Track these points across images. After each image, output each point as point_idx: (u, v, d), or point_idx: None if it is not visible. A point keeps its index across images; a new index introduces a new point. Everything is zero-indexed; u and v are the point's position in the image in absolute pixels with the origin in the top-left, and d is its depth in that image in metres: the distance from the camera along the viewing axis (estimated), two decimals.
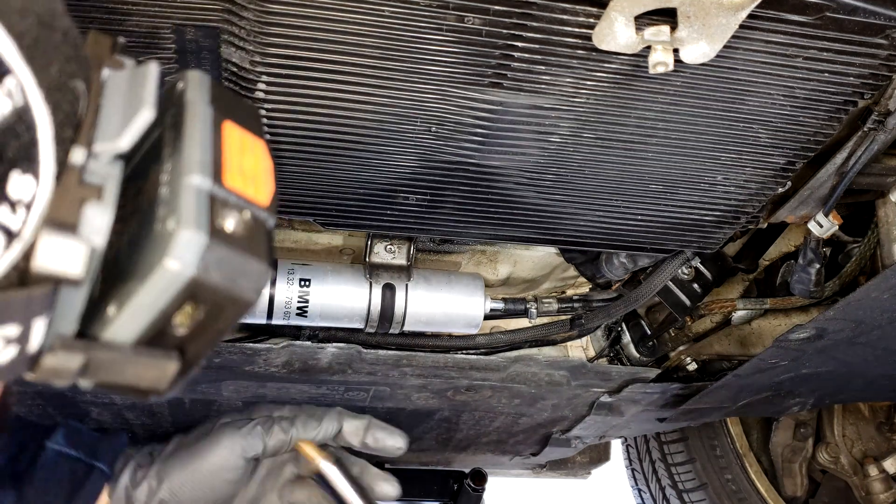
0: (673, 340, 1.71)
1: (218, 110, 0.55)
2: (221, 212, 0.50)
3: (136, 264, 0.49)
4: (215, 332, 0.51)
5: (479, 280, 1.40)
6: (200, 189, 0.49)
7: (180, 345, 0.51)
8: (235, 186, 0.52)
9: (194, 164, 0.50)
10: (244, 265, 0.50)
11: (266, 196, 0.55)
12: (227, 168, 0.52)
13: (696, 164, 1.10)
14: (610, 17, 0.82)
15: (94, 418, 1.72)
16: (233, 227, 0.50)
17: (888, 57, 0.95)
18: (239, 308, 0.50)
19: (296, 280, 1.29)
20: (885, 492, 2.23)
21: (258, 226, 0.53)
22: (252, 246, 0.51)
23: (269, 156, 0.58)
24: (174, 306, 0.49)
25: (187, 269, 0.47)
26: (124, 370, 0.50)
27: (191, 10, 0.85)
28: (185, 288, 0.48)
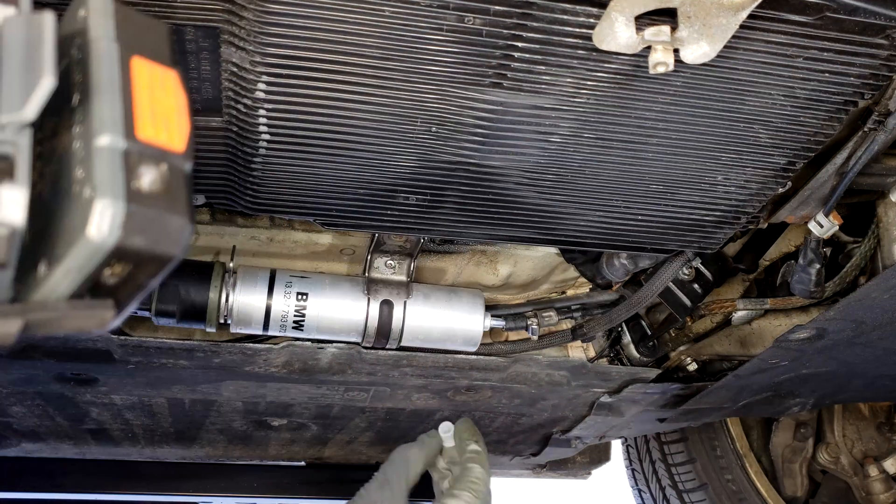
0: (673, 341, 1.71)
1: (124, 43, 0.53)
2: (137, 169, 0.50)
3: (61, 222, 0.50)
4: (144, 280, 0.52)
5: (479, 298, 1.39)
6: (113, 149, 0.49)
7: (113, 292, 0.52)
8: (149, 137, 0.51)
9: (105, 122, 0.49)
10: (165, 223, 0.50)
11: (181, 140, 0.53)
12: (138, 117, 0.51)
13: (697, 165, 1.10)
14: (610, 17, 0.82)
15: (93, 418, 1.72)
16: (150, 185, 0.50)
17: (888, 57, 0.95)
18: (163, 262, 0.51)
19: (293, 293, 1.29)
20: (886, 492, 2.23)
21: (176, 176, 0.52)
22: (171, 200, 0.51)
23: (182, 88, 0.55)
24: (102, 267, 0.50)
25: (109, 239, 0.48)
26: (63, 324, 0.51)
27: (191, 10, 0.85)
28: (108, 254, 0.49)
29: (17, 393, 1.55)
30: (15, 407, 1.63)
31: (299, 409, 1.72)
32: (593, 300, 1.55)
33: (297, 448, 2.03)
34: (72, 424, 1.75)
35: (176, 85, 0.55)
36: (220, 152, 1.02)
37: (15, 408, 1.63)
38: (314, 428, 1.86)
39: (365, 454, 2.11)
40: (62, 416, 1.69)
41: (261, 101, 0.93)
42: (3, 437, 1.81)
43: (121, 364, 1.40)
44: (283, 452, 2.06)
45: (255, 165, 1.02)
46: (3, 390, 1.53)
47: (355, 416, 1.79)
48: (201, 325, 1.27)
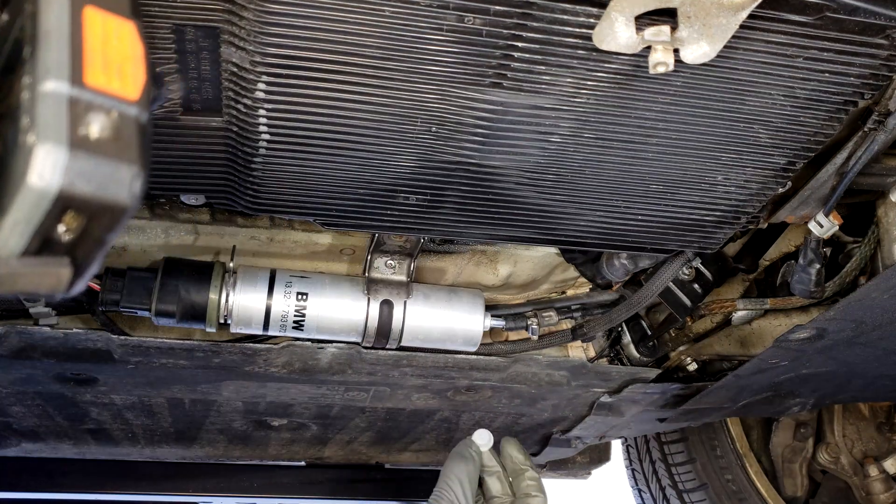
0: (673, 340, 1.71)
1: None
2: (84, 117, 0.48)
3: (9, 175, 0.48)
4: (100, 234, 0.51)
5: (479, 298, 1.39)
6: (58, 95, 0.48)
7: (69, 249, 0.51)
8: (98, 84, 0.50)
9: (50, 68, 0.48)
10: (112, 171, 0.49)
11: (135, 89, 0.52)
12: (88, 64, 0.50)
13: (697, 165, 1.10)
14: (610, 17, 0.82)
15: (93, 418, 1.72)
16: (98, 132, 0.49)
17: (888, 57, 0.95)
18: (116, 213, 0.50)
19: (293, 293, 1.29)
20: (886, 492, 2.23)
21: (126, 124, 0.50)
22: (121, 148, 0.49)
23: (139, 39, 0.54)
24: (51, 219, 0.48)
25: (52, 185, 0.46)
26: (16, 282, 0.49)
27: (191, 10, 0.85)
28: (54, 202, 0.47)
29: (17, 393, 1.55)
30: (15, 407, 1.63)
31: (299, 409, 1.72)
32: (593, 300, 1.55)
33: (297, 448, 2.03)
34: (71, 424, 1.75)
35: (133, 35, 0.54)
36: (220, 152, 1.02)
37: (15, 408, 1.63)
38: (314, 428, 1.86)
39: (365, 454, 2.11)
40: (62, 416, 1.69)
41: (261, 101, 0.93)
42: (2, 437, 1.81)
43: (121, 364, 1.40)
44: (283, 452, 2.06)
45: (255, 165, 1.02)
46: (3, 390, 1.53)
47: (355, 416, 1.79)
48: (201, 325, 1.27)
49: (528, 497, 1.29)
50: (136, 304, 1.25)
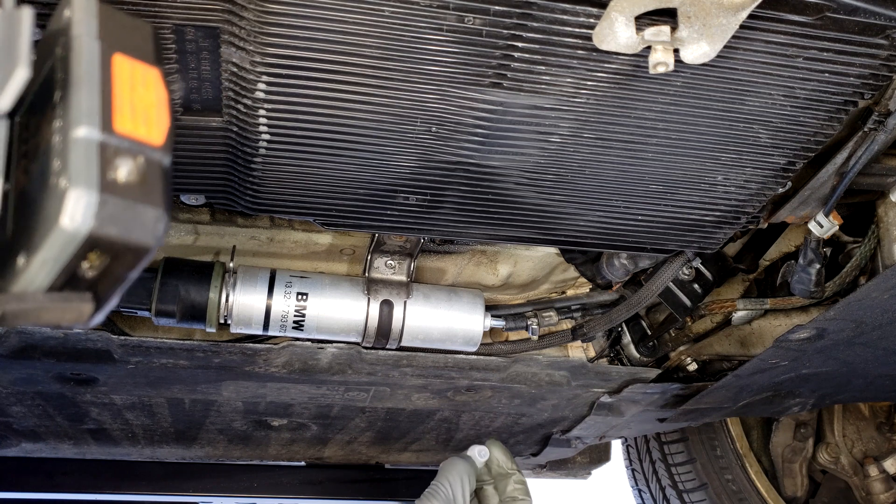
0: (673, 340, 1.71)
1: (107, 42, 0.54)
2: (113, 161, 0.51)
3: (39, 215, 0.51)
4: (122, 272, 0.53)
5: (479, 298, 1.39)
6: (89, 141, 0.50)
7: (92, 285, 0.53)
8: (126, 130, 0.52)
9: (82, 114, 0.50)
10: (139, 214, 0.51)
11: (159, 134, 0.54)
12: (117, 111, 0.52)
13: (697, 165, 1.10)
14: (610, 18, 0.82)
15: (93, 418, 1.72)
16: (125, 176, 0.51)
17: (888, 57, 0.95)
18: (140, 253, 0.52)
19: (293, 293, 1.29)
20: (886, 492, 2.23)
21: (152, 169, 0.53)
22: (146, 192, 0.52)
23: (163, 85, 0.57)
24: (77, 258, 0.51)
25: (82, 227, 0.49)
26: (41, 316, 0.52)
27: (191, 10, 0.85)
28: (83, 243, 0.50)
29: (17, 393, 1.55)
30: (15, 407, 1.63)
31: (299, 409, 1.72)
32: (593, 300, 1.55)
33: (297, 448, 2.03)
34: (71, 424, 1.75)
35: (157, 82, 0.56)
36: (220, 152, 1.02)
37: (15, 408, 1.63)
38: (314, 428, 1.86)
39: (365, 454, 2.11)
40: (62, 416, 1.69)
41: (261, 101, 0.93)
42: (3, 437, 1.81)
43: (121, 364, 1.40)
44: (283, 452, 2.06)
45: (255, 165, 1.02)
46: (3, 390, 1.53)
47: (355, 416, 1.79)
48: (201, 325, 1.27)
49: (515, 501, 1.30)
50: (136, 305, 1.25)
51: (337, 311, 1.31)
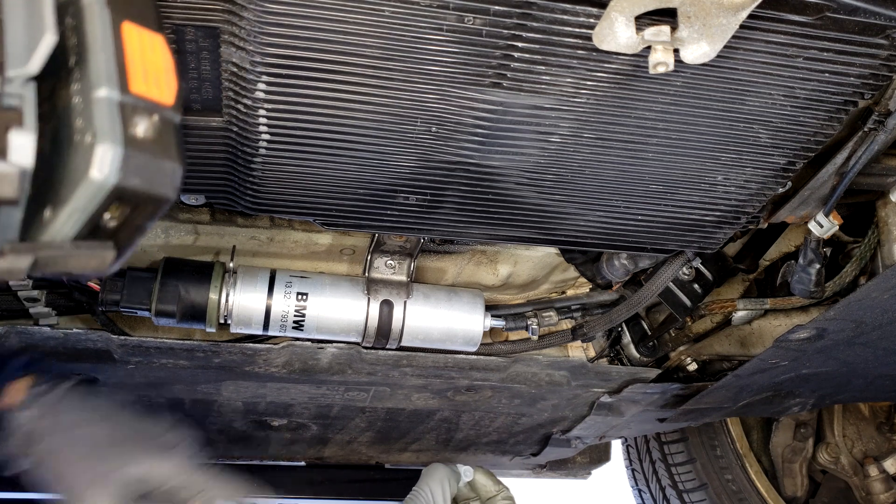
0: (673, 340, 1.71)
1: (115, 9, 0.58)
2: (132, 119, 0.55)
3: (63, 170, 0.54)
4: (142, 222, 0.57)
5: (479, 298, 1.39)
6: (110, 100, 0.54)
7: (113, 234, 0.57)
8: (141, 91, 0.56)
9: (101, 76, 0.54)
10: (159, 167, 0.55)
11: (170, 95, 0.58)
12: (131, 74, 0.56)
13: (697, 165, 1.10)
14: (610, 18, 0.82)
15: None
16: (143, 133, 0.55)
17: (888, 57, 0.95)
18: (159, 203, 0.56)
19: (293, 293, 1.29)
20: (886, 492, 2.23)
21: (166, 126, 0.57)
22: (163, 147, 0.56)
23: (168, 50, 0.60)
24: (103, 208, 0.54)
25: (110, 179, 0.53)
26: (67, 262, 0.55)
27: (191, 10, 0.85)
28: (110, 194, 0.53)
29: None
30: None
31: (299, 409, 1.72)
32: (593, 300, 1.55)
33: (297, 448, 2.03)
34: None
35: (164, 48, 0.60)
36: (220, 152, 1.02)
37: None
38: (314, 428, 1.86)
39: (365, 454, 2.11)
40: None
41: (261, 101, 0.93)
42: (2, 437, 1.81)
43: (121, 364, 1.40)
44: (283, 452, 2.06)
45: (255, 165, 1.02)
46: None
47: (355, 416, 1.79)
48: (201, 325, 1.27)
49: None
50: (137, 305, 1.25)
51: (337, 311, 1.31)
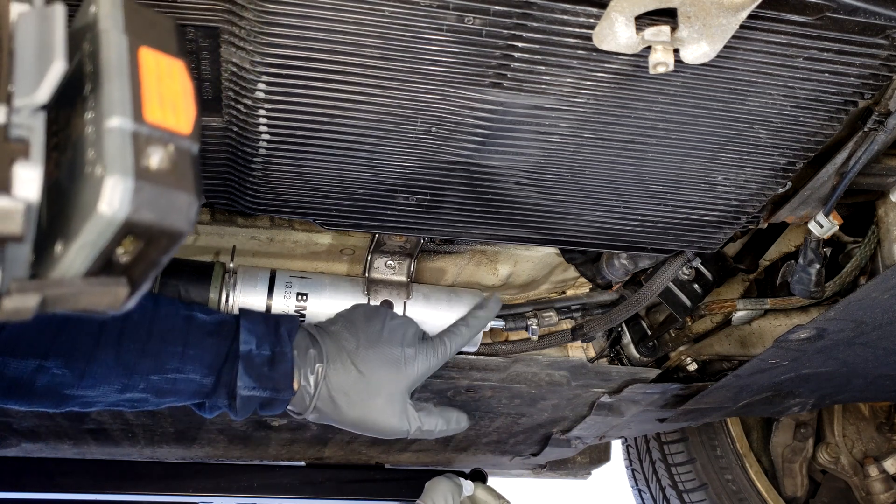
0: (673, 341, 1.71)
1: (133, 35, 0.56)
2: (145, 150, 0.53)
3: (75, 203, 0.53)
4: (156, 257, 0.55)
5: (479, 298, 1.39)
6: (122, 130, 0.52)
7: (126, 270, 0.55)
8: (156, 120, 0.54)
9: (114, 105, 0.52)
10: (172, 199, 0.53)
11: (187, 123, 0.56)
12: (146, 101, 0.54)
13: (697, 165, 1.10)
14: (610, 18, 0.82)
15: (93, 418, 1.72)
16: (157, 164, 0.53)
17: (888, 57, 0.95)
18: (173, 237, 0.54)
19: (293, 293, 1.29)
20: (886, 492, 2.23)
21: (182, 156, 0.55)
22: (178, 178, 0.54)
23: (188, 76, 0.59)
24: (114, 243, 0.52)
25: (120, 213, 0.50)
26: (79, 300, 0.54)
27: (191, 10, 0.85)
28: (120, 228, 0.51)
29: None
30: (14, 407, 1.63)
31: None
32: (593, 300, 1.55)
33: (297, 448, 2.03)
34: (72, 424, 1.75)
35: (182, 73, 0.58)
36: (220, 152, 1.02)
37: (15, 408, 1.63)
38: (314, 428, 1.86)
39: (365, 454, 2.11)
40: (62, 415, 1.69)
41: (261, 101, 0.93)
42: (2, 437, 1.81)
43: None
44: (283, 452, 2.06)
45: (255, 165, 1.02)
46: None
47: None
48: None
49: None
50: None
51: (337, 312, 1.31)
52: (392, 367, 1.17)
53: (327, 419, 1.18)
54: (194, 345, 1.09)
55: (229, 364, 1.11)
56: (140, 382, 1.06)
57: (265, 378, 1.11)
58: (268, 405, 1.14)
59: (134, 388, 1.06)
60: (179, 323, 1.09)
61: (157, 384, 1.07)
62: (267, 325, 1.15)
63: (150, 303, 1.09)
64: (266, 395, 1.12)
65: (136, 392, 1.06)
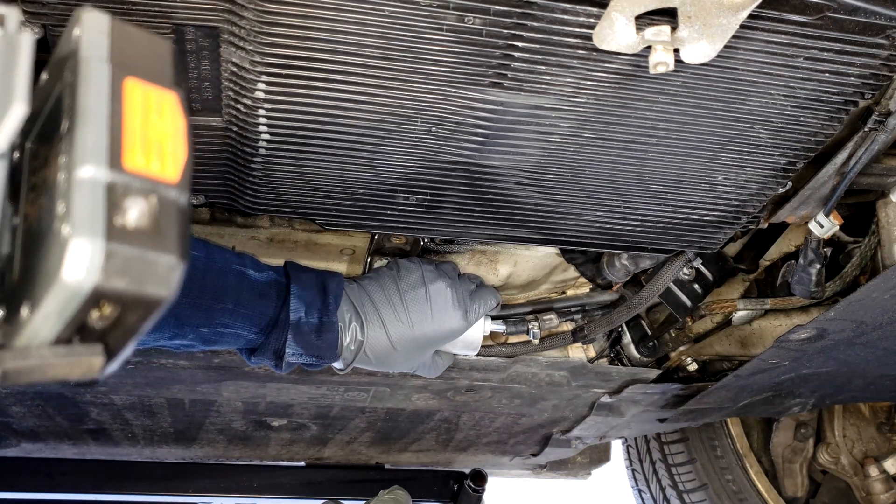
0: (673, 341, 1.71)
1: (118, 64, 0.49)
2: (121, 204, 0.45)
3: (43, 262, 0.46)
4: (134, 324, 0.49)
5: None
6: (95, 182, 0.45)
7: (102, 336, 0.48)
8: (137, 168, 0.47)
9: (87, 152, 0.45)
10: (151, 263, 0.46)
11: (175, 169, 0.49)
12: (127, 145, 0.47)
13: (697, 165, 1.10)
14: (610, 17, 0.82)
15: (93, 418, 1.72)
16: (135, 221, 0.46)
17: (889, 57, 0.95)
18: (152, 305, 0.47)
19: None
20: (886, 492, 2.23)
21: (166, 209, 0.47)
22: (159, 237, 0.47)
23: (180, 111, 0.51)
24: (84, 312, 0.46)
25: (86, 282, 0.44)
26: (47, 371, 0.47)
27: (191, 10, 0.85)
28: (88, 298, 0.45)
29: (17, 393, 1.55)
30: (15, 407, 1.63)
31: (299, 410, 1.72)
32: (593, 300, 1.55)
33: (297, 448, 2.03)
34: (71, 424, 1.75)
35: (174, 108, 0.51)
36: (220, 152, 1.02)
37: (15, 408, 1.63)
38: (314, 428, 1.86)
39: (365, 454, 2.11)
40: (62, 416, 1.69)
41: (261, 101, 0.93)
42: (2, 437, 1.81)
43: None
44: (283, 452, 2.06)
45: (255, 165, 1.02)
46: (3, 390, 1.53)
47: (355, 416, 1.79)
48: None
49: None
50: None
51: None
52: (424, 317, 1.25)
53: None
54: (245, 304, 1.11)
55: (279, 329, 1.15)
56: (190, 333, 1.09)
57: (312, 346, 1.16)
58: (311, 366, 1.21)
59: (183, 336, 1.09)
60: (231, 280, 1.11)
61: (205, 335, 1.10)
62: (315, 289, 1.19)
63: (202, 253, 1.10)
64: (312, 361, 1.18)
65: (185, 340, 1.10)
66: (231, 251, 1.16)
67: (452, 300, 1.25)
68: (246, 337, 1.14)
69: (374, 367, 1.27)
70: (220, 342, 1.13)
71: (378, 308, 1.23)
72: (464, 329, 1.29)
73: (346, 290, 1.23)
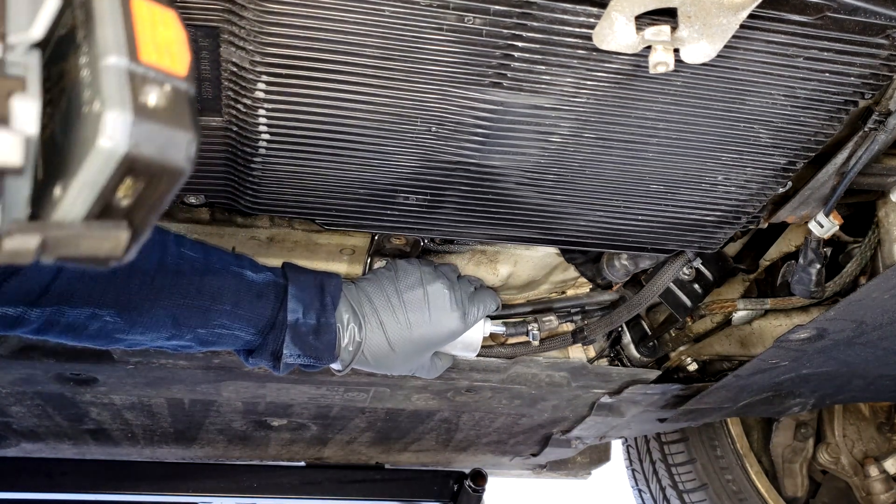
0: (673, 341, 1.71)
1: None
2: (142, 88, 0.52)
3: (72, 146, 0.52)
4: (157, 199, 0.55)
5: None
6: (119, 68, 0.52)
7: (127, 214, 0.54)
8: (152, 61, 0.54)
9: (109, 44, 0.52)
10: (171, 136, 0.53)
11: (183, 66, 0.56)
12: (141, 44, 0.54)
13: (697, 165, 1.10)
14: (610, 17, 0.82)
15: (93, 418, 1.72)
16: (155, 101, 0.52)
17: (889, 57, 0.95)
18: (173, 176, 0.54)
19: None
20: (886, 492, 2.23)
21: (179, 96, 0.55)
22: (176, 117, 0.53)
23: (181, 25, 0.59)
24: (114, 182, 0.52)
25: (120, 147, 0.50)
26: (79, 244, 0.53)
27: (191, 10, 0.85)
28: (120, 164, 0.51)
29: (17, 393, 1.55)
30: (14, 407, 1.63)
31: (299, 410, 1.72)
32: (593, 300, 1.55)
33: (297, 448, 2.03)
34: (71, 424, 1.75)
35: (175, 22, 0.58)
36: (220, 152, 1.02)
37: (14, 408, 1.63)
38: (314, 428, 1.86)
39: (365, 454, 2.11)
40: (62, 416, 1.69)
41: (261, 101, 0.93)
42: (2, 437, 1.81)
43: (120, 364, 1.40)
44: (283, 452, 2.06)
45: (255, 165, 1.02)
46: (3, 390, 1.53)
47: (355, 416, 1.79)
48: None
49: None
50: None
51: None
52: (423, 321, 1.25)
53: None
54: (243, 306, 1.12)
55: (276, 330, 1.15)
56: (187, 333, 1.09)
57: (310, 347, 1.16)
58: (309, 367, 1.21)
59: (181, 337, 1.10)
60: (229, 281, 1.12)
61: (203, 336, 1.11)
62: (313, 290, 1.18)
63: (199, 255, 1.10)
64: (309, 362, 1.18)
65: (183, 341, 1.10)
66: (229, 252, 1.17)
67: (450, 301, 1.25)
68: (244, 338, 1.14)
69: (373, 368, 1.27)
70: (217, 343, 1.13)
71: (376, 309, 1.22)
72: (462, 331, 1.28)
73: (343, 291, 1.23)
